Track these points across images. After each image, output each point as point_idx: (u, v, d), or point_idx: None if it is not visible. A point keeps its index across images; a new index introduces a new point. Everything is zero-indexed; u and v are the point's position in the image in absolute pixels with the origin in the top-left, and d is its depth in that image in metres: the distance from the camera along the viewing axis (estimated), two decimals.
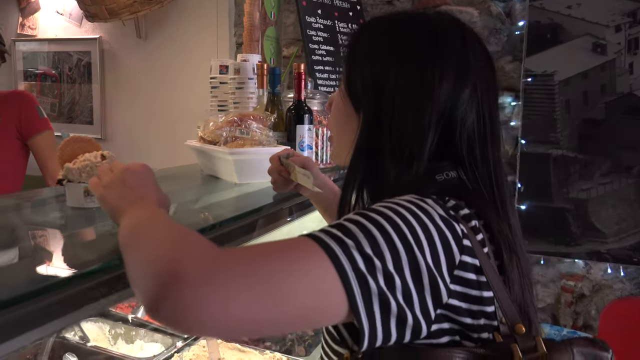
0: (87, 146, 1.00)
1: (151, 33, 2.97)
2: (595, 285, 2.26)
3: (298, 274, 0.53)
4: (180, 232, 0.59)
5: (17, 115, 1.91)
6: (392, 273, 0.55)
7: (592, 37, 2.12)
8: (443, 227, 0.60)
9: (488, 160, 0.72)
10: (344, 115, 0.77)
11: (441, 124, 0.69)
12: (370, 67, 0.72)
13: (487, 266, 0.61)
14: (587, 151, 2.15)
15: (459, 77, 0.70)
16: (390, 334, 0.56)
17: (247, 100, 1.63)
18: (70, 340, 1.47)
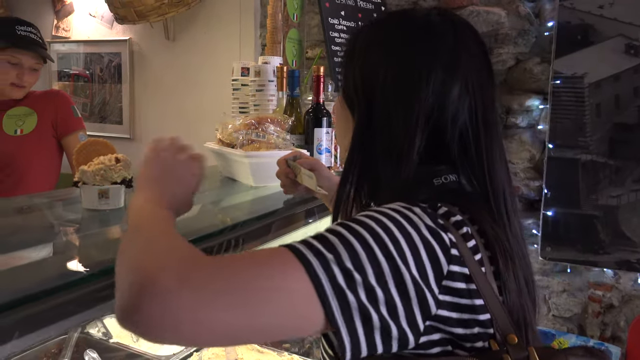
0: (103, 149, 1.02)
1: (179, 35, 3.02)
2: (624, 296, 2.18)
3: (273, 286, 0.53)
4: (163, 239, 0.60)
5: (54, 114, 1.98)
6: (374, 286, 0.54)
7: (625, 38, 2.04)
8: (429, 237, 0.59)
9: (482, 160, 0.70)
10: (343, 119, 0.78)
11: (431, 124, 0.69)
12: (360, 69, 0.72)
13: (477, 274, 0.60)
14: (618, 156, 2.07)
15: (447, 74, 0.68)
16: (376, 345, 0.55)
17: (267, 102, 1.64)
18: (93, 336, 1.50)
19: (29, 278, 0.70)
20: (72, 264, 0.75)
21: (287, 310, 0.53)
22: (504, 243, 0.65)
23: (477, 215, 0.66)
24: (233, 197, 1.34)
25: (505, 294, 0.64)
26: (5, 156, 1.87)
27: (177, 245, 0.57)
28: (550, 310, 2.31)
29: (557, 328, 2.27)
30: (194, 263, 0.53)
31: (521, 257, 0.69)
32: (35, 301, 0.62)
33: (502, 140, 0.74)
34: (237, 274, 0.52)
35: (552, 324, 2.30)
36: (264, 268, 0.54)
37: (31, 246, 0.81)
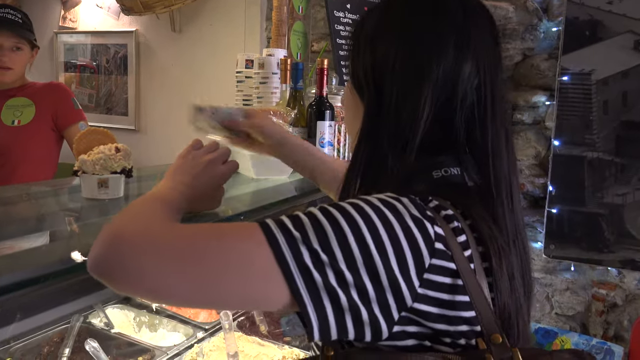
0: (103, 138, 1.02)
1: (185, 26, 3.01)
2: (628, 295, 2.17)
3: (233, 256, 0.54)
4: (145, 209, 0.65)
5: (53, 107, 1.97)
6: (343, 270, 0.54)
7: (634, 35, 2.01)
8: (412, 227, 0.57)
9: (486, 143, 0.68)
10: (353, 106, 0.76)
11: (438, 106, 0.67)
12: (370, 53, 0.70)
13: (465, 270, 0.58)
14: (625, 154, 2.05)
15: (458, 53, 0.66)
16: (347, 329, 0.55)
17: (271, 95, 1.63)
18: (95, 325, 1.51)
19: (27, 264, 0.70)
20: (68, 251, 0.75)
21: (246, 283, 0.54)
22: (498, 240, 0.63)
23: (472, 210, 0.64)
24: (234, 188, 1.34)
25: (496, 292, 0.62)
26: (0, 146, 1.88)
27: (155, 213, 0.62)
28: (553, 308, 2.29)
29: (560, 326, 2.26)
30: (163, 226, 0.58)
31: (520, 253, 0.67)
32: (34, 285, 0.63)
33: (510, 128, 0.71)
34: (200, 240, 0.55)
35: (554, 322, 2.29)
36: (229, 238, 0.56)
37: (29, 233, 0.82)
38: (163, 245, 0.55)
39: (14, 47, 1.90)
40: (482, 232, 0.62)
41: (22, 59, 1.95)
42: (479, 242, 0.62)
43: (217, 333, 1.55)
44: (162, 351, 1.41)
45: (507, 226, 0.67)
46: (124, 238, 0.55)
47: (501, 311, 0.62)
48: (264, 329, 1.61)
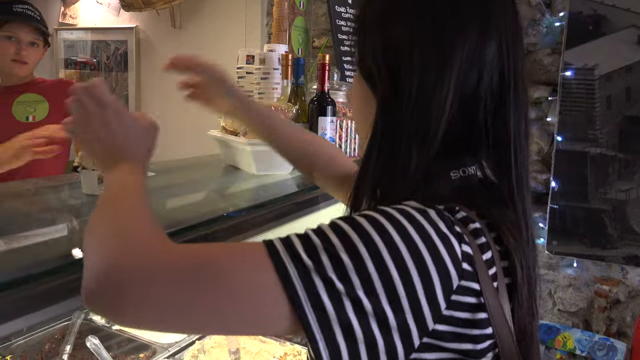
0: None
1: (185, 23, 3.00)
2: (631, 291, 2.16)
3: (239, 290, 0.50)
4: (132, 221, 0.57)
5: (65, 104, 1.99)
6: (361, 297, 0.49)
7: (638, 29, 2.00)
8: (440, 246, 0.52)
9: (509, 134, 0.62)
10: (363, 101, 0.68)
11: (461, 94, 0.60)
12: (380, 36, 0.63)
13: (488, 291, 0.55)
14: (629, 150, 2.04)
15: (481, 35, 0.60)
16: (360, 358, 0.51)
17: (272, 90, 1.62)
18: (96, 322, 1.51)
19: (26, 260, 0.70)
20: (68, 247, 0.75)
21: (253, 316, 0.51)
22: (523, 253, 0.60)
23: (497, 219, 0.59)
24: (235, 184, 1.34)
25: (517, 308, 0.59)
26: None
27: (145, 230, 0.56)
28: (556, 304, 2.29)
29: (563, 322, 2.25)
30: (161, 250, 0.52)
31: (533, 262, 0.64)
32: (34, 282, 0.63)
33: (529, 119, 0.66)
34: (202, 272, 0.50)
35: (557, 318, 2.28)
36: (234, 268, 0.51)
37: (29, 229, 0.81)
38: (165, 276, 0.50)
39: (32, 42, 1.95)
40: (508, 247, 0.59)
41: (37, 55, 2.00)
42: (502, 256, 0.59)
43: None
44: (164, 348, 1.41)
45: (525, 226, 0.63)
46: (121, 270, 0.50)
47: (519, 323, 0.60)
48: None
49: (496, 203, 0.62)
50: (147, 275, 0.50)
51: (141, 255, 0.51)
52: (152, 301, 0.49)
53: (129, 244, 0.53)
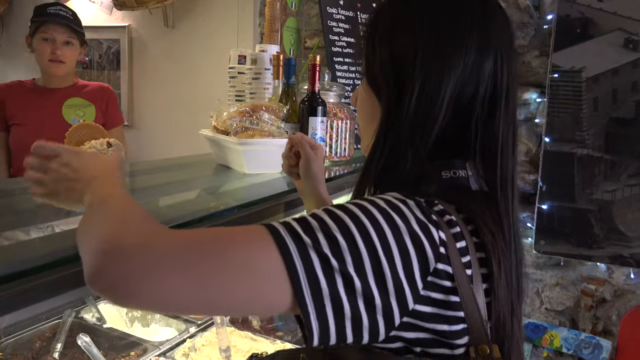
0: (95, 133, 1.02)
1: (178, 22, 3.01)
2: (617, 290, 2.19)
3: (242, 262, 0.52)
4: (128, 208, 0.60)
5: (105, 108, 2.12)
6: (352, 275, 0.53)
7: (624, 33, 2.03)
8: (418, 231, 0.57)
9: (497, 139, 0.68)
10: (369, 107, 0.74)
11: (456, 101, 0.66)
12: (387, 49, 0.68)
13: (460, 276, 0.58)
14: (615, 151, 2.07)
15: (480, 50, 0.66)
16: (346, 335, 0.54)
17: (263, 90, 1.64)
18: (87, 321, 1.51)
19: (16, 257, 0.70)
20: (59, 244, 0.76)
21: (252, 288, 0.52)
22: (500, 247, 0.63)
23: (476, 216, 0.64)
24: (226, 184, 1.35)
25: (494, 299, 0.62)
26: None
27: (145, 216, 0.58)
28: (543, 303, 2.32)
29: (550, 321, 2.28)
30: (162, 231, 0.54)
31: (516, 252, 0.67)
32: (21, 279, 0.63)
33: (517, 126, 0.71)
34: (206, 245, 0.52)
35: (544, 317, 2.31)
36: (236, 242, 0.53)
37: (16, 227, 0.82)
38: (167, 250, 0.51)
39: (66, 41, 2.03)
40: (484, 239, 0.62)
41: (73, 54, 2.07)
42: (479, 248, 0.62)
43: (209, 328, 1.55)
44: (155, 346, 1.42)
45: (507, 224, 0.67)
46: (122, 248, 0.51)
47: (497, 316, 0.63)
48: (256, 323, 1.62)
49: (479, 202, 0.67)
50: (150, 252, 0.51)
51: (144, 234, 0.53)
52: (156, 279, 0.50)
53: (130, 226, 0.54)
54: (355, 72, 2.10)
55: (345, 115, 1.72)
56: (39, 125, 1.98)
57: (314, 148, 1.03)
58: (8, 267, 0.62)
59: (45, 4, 2.06)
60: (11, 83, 2.10)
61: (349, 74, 2.08)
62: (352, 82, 2.08)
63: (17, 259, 0.66)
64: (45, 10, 2.02)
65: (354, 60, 2.12)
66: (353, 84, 2.08)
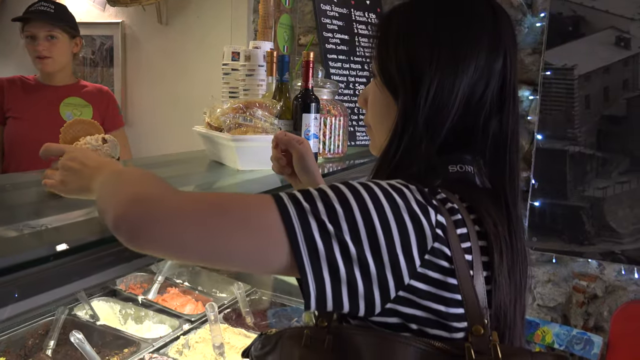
0: (90, 129, 1.01)
1: (172, 19, 3.00)
2: (608, 287, 2.21)
3: (245, 220, 0.58)
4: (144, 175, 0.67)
5: (105, 110, 2.11)
6: (347, 242, 0.57)
7: (616, 31, 2.05)
8: (417, 210, 0.60)
9: (506, 136, 0.72)
10: (384, 106, 0.76)
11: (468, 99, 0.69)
12: (404, 50, 0.71)
13: (459, 261, 0.60)
14: (606, 149, 2.09)
15: (490, 52, 0.70)
16: (342, 301, 0.57)
17: (257, 87, 1.63)
18: (81, 318, 1.51)
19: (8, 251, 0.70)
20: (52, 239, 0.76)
21: (253, 242, 0.57)
22: (504, 236, 0.65)
23: (479, 205, 0.66)
24: (219, 180, 1.35)
25: (494, 287, 0.64)
26: None
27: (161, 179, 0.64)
28: (535, 299, 2.33)
29: (542, 317, 2.30)
30: (177, 190, 0.62)
31: (520, 248, 0.69)
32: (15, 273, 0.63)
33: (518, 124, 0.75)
34: (220, 200, 0.60)
35: (536, 313, 2.33)
36: (243, 203, 0.60)
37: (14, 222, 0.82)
38: (183, 205, 0.58)
39: (48, 36, 1.99)
40: (486, 228, 0.65)
41: (60, 48, 2.03)
42: (481, 237, 0.65)
43: (203, 325, 1.55)
44: (148, 343, 1.42)
45: (515, 216, 0.69)
46: (145, 199, 0.58)
47: (497, 307, 0.64)
48: (249, 320, 1.62)
49: (484, 194, 0.70)
50: (168, 204, 0.58)
51: (163, 191, 0.61)
52: (171, 226, 0.56)
53: (150, 185, 0.63)
54: (349, 69, 2.11)
55: (339, 112, 1.73)
56: (35, 120, 1.96)
57: (300, 142, 1.05)
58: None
59: (32, 3, 2.04)
60: (13, 77, 2.09)
61: (343, 70, 2.08)
62: (345, 79, 2.08)
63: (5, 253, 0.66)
64: (28, 8, 2.00)
65: (348, 57, 2.12)
66: (347, 80, 2.08)
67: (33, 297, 0.66)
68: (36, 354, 1.35)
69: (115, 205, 0.59)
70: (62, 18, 2.03)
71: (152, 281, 1.71)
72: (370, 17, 2.28)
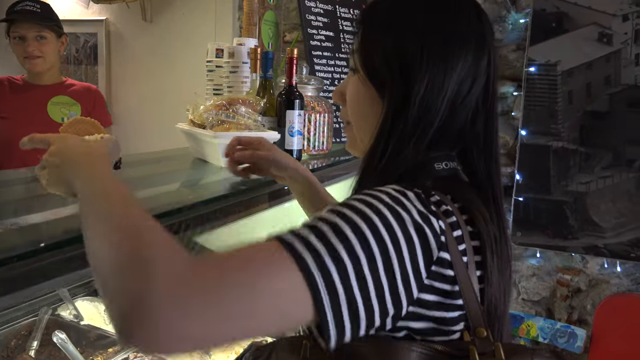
0: (90, 128, 0.99)
1: (156, 16, 2.97)
2: (591, 280, 2.24)
3: (265, 289, 0.51)
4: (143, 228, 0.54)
5: (92, 108, 2.12)
6: (366, 275, 0.54)
7: (598, 27, 2.07)
8: (421, 222, 0.58)
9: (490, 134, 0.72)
10: (367, 102, 0.73)
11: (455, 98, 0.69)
12: (393, 44, 0.69)
13: (457, 264, 0.60)
14: (589, 144, 2.11)
15: (477, 50, 0.69)
16: (359, 333, 0.55)
17: (241, 84, 1.63)
18: (64, 318, 1.50)
19: None
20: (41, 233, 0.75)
21: (279, 312, 0.52)
22: (494, 234, 0.65)
23: (471, 205, 0.66)
24: (202, 177, 1.34)
25: (487, 285, 0.64)
26: None
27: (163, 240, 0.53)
28: (520, 293, 2.35)
29: (526, 311, 2.32)
30: (181, 274, 0.49)
31: (506, 243, 0.69)
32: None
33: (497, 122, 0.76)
34: (227, 280, 0.50)
35: (521, 307, 2.35)
36: (255, 270, 0.51)
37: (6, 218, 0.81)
38: (190, 297, 0.48)
39: (37, 36, 1.99)
40: (479, 228, 0.64)
41: (49, 48, 2.04)
42: (474, 236, 0.64)
43: None
44: None
45: (498, 213, 0.70)
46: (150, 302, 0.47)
47: (489, 302, 0.64)
48: None
49: (472, 192, 0.70)
50: (179, 301, 0.47)
51: (167, 281, 0.48)
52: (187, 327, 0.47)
53: (149, 268, 0.49)
54: (334, 66, 2.10)
55: (324, 109, 1.73)
56: (23, 120, 1.97)
57: (257, 144, 1.04)
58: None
59: (16, 1, 2.02)
60: (1, 78, 2.09)
61: (328, 67, 2.08)
62: (330, 76, 2.08)
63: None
64: (13, 8, 1.99)
65: (333, 54, 2.12)
66: (332, 77, 2.08)
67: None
68: (19, 355, 1.33)
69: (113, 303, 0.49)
70: (50, 17, 2.04)
71: None
72: (355, 13, 2.28)
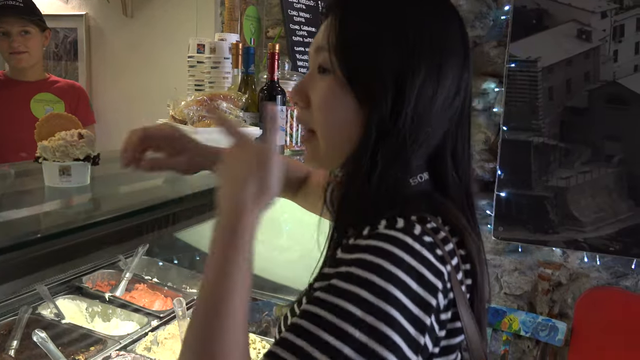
0: (67, 123, 0.97)
1: (137, 11, 2.94)
2: (572, 274, 2.27)
3: None
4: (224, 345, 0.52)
5: (76, 106, 2.12)
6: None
7: (578, 24, 2.09)
8: (434, 280, 0.56)
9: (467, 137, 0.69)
10: (342, 108, 0.64)
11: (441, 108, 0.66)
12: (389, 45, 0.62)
13: (459, 297, 0.59)
14: (569, 139, 2.14)
15: (463, 56, 0.67)
16: None
17: (223, 80, 1.62)
18: (45, 317, 1.48)
19: None
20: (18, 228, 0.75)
21: None
22: (481, 254, 0.64)
23: (457, 226, 0.62)
24: None
25: (477, 303, 0.63)
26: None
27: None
28: (502, 288, 2.38)
29: (508, 305, 2.35)
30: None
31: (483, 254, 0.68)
32: None
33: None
34: None
35: (503, 301, 2.38)
36: None
37: None
38: None
39: (22, 31, 1.99)
40: (470, 251, 0.62)
41: (34, 43, 2.03)
42: (465, 260, 0.62)
43: (172, 321, 1.53)
44: (115, 340, 1.40)
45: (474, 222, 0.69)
46: None
47: (477, 315, 0.64)
48: None
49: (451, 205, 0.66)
50: None
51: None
52: None
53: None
54: None
55: None
56: (6, 117, 1.95)
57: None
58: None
59: None
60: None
61: None
62: None
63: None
64: None
65: None
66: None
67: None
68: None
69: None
70: (34, 12, 2.04)
71: (119, 278, 1.68)
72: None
